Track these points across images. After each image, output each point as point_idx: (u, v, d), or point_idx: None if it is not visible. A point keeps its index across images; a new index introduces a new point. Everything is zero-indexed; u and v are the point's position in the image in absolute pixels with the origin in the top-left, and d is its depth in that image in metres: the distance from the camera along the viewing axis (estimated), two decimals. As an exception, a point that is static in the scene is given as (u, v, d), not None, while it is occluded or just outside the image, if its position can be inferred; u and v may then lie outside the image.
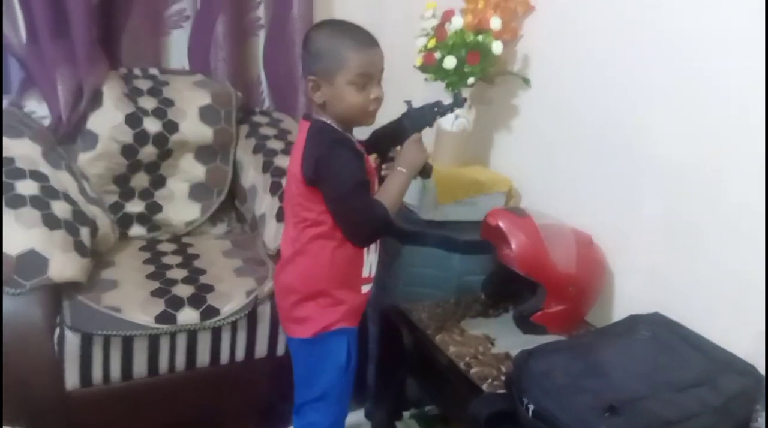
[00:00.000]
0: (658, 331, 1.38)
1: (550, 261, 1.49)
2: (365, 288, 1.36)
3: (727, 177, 1.36)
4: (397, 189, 1.29)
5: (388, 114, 2.26)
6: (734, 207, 1.34)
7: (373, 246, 1.35)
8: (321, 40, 1.26)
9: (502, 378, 1.36)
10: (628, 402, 1.15)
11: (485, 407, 1.25)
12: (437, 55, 1.81)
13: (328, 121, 1.29)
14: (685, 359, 1.31)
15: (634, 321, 1.42)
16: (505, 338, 1.51)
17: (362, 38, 1.26)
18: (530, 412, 1.18)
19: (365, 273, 1.35)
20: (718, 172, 1.37)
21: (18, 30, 1.79)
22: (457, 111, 1.86)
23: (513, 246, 1.47)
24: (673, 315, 1.42)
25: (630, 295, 1.58)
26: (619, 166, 1.60)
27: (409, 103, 1.41)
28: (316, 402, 1.38)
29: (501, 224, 1.49)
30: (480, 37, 1.76)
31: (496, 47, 1.76)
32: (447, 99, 1.42)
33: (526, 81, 1.86)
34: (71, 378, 1.47)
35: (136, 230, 1.91)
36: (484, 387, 1.34)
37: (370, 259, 1.35)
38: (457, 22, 1.77)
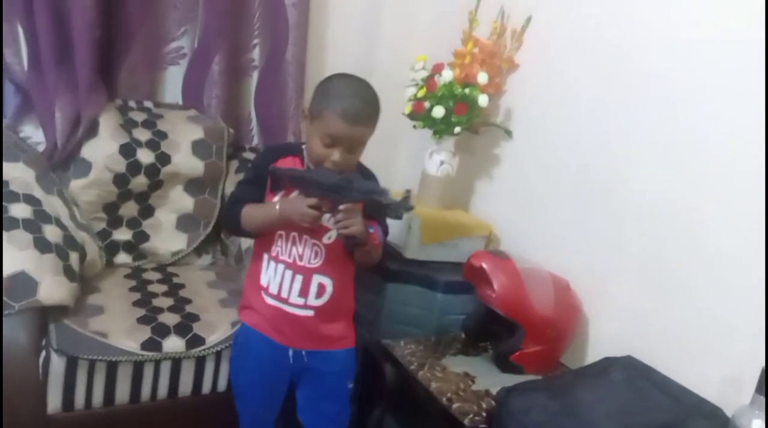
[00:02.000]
0: (630, 374, 1.45)
1: (530, 303, 1.56)
2: (268, 299, 1.41)
3: (704, 224, 1.43)
4: (259, 214, 1.37)
5: (374, 157, 2.35)
6: (710, 252, 1.42)
7: (273, 265, 1.39)
8: (326, 86, 1.35)
9: (483, 414, 1.40)
10: (602, 440, 1.21)
11: (467, 441, 1.30)
12: (426, 104, 1.91)
13: (304, 145, 1.40)
14: (655, 402, 1.37)
15: (607, 364, 1.49)
16: (485, 376, 1.56)
17: (351, 110, 1.28)
18: (510, 446, 1.23)
19: (263, 282, 1.41)
20: (696, 219, 1.45)
21: (20, 57, 1.83)
22: (441, 155, 1.96)
23: (495, 287, 1.54)
24: (645, 358, 1.49)
25: (604, 339, 1.65)
26: (597, 214, 1.69)
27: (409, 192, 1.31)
28: None
29: (484, 265, 1.57)
30: (467, 90, 1.87)
31: (482, 100, 1.87)
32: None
33: (508, 133, 1.97)
34: (53, 402, 1.45)
35: (122, 258, 1.92)
36: (466, 422, 1.38)
37: (269, 275, 1.39)
38: (446, 75, 1.88)
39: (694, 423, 1.30)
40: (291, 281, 1.38)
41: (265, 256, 1.41)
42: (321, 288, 1.38)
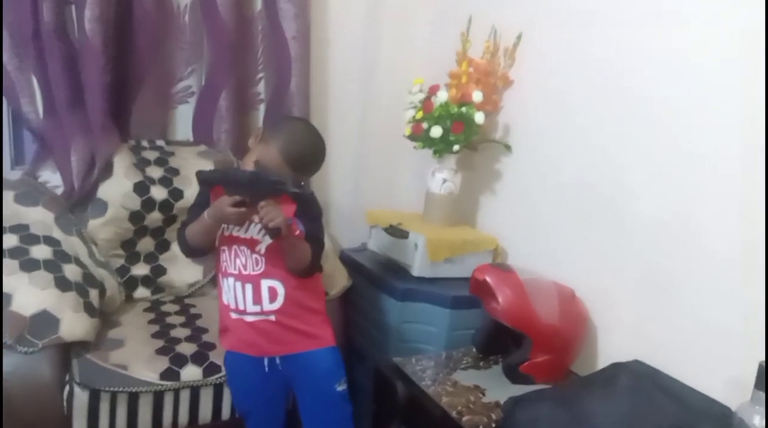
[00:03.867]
0: (638, 379, 1.45)
1: (535, 313, 1.58)
2: (232, 315, 1.49)
3: (700, 232, 1.45)
4: (196, 227, 1.45)
5: (379, 179, 2.40)
6: (708, 259, 1.44)
7: (226, 282, 1.47)
8: (288, 123, 1.57)
9: (493, 425, 1.42)
10: (609, 445, 1.22)
11: (476, 451, 1.32)
12: (425, 125, 1.96)
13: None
14: (662, 406, 1.37)
15: (615, 370, 1.49)
16: (496, 388, 1.58)
17: (294, 153, 1.41)
18: (519, 456, 1.25)
19: (224, 301, 1.49)
20: (692, 228, 1.47)
21: (35, 105, 1.93)
22: (443, 174, 2.01)
23: (500, 299, 1.57)
24: (653, 362, 1.50)
25: (612, 345, 1.66)
26: (599, 224, 1.71)
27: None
28: None
29: (488, 279, 1.59)
30: (463, 109, 1.92)
31: (479, 118, 1.91)
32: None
33: (508, 147, 2.00)
34: (79, 434, 1.52)
35: (141, 292, 1.99)
36: (476, 434, 1.40)
37: (226, 292, 1.48)
38: (442, 96, 1.93)
39: (701, 424, 1.30)
40: (243, 291, 1.46)
41: (220, 277, 1.51)
42: (273, 292, 1.46)
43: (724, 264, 1.41)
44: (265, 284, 1.45)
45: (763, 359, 1.16)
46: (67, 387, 1.52)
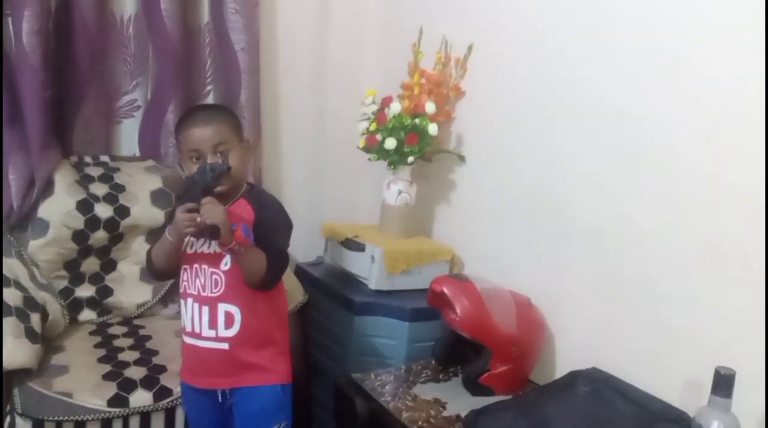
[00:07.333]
0: (596, 386, 1.47)
1: (493, 323, 1.58)
2: (186, 339, 1.43)
3: (645, 240, 1.49)
4: (159, 246, 1.42)
5: (337, 190, 2.37)
6: (653, 266, 1.47)
7: (185, 303, 1.42)
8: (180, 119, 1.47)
9: (454, 439, 1.41)
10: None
11: (438, 467, 1.30)
12: (378, 136, 1.95)
13: None
14: (621, 411, 1.38)
15: (573, 377, 1.50)
16: (456, 401, 1.57)
17: (197, 115, 1.40)
18: (481, 469, 1.23)
19: (183, 324, 1.43)
20: (636, 235, 1.50)
21: (-29, 123, 1.84)
22: (398, 185, 2.00)
23: (457, 310, 1.56)
24: (610, 369, 1.51)
25: (570, 353, 1.67)
26: (549, 233, 1.73)
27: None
28: None
29: (445, 290, 1.58)
30: (417, 120, 1.91)
31: (432, 129, 1.91)
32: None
33: (462, 158, 2.01)
34: (20, 469, 1.44)
35: (87, 314, 1.91)
36: (438, 448, 1.38)
37: (184, 314, 1.43)
38: (395, 108, 1.92)
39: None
40: (200, 313, 1.39)
41: (180, 298, 1.45)
42: (229, 318, 1.38)
43: (670, 269, 1.44)
44: (222, 308, 1.38)
45: (719, 365, 1.17)
46: (8, 418, 1.44)
